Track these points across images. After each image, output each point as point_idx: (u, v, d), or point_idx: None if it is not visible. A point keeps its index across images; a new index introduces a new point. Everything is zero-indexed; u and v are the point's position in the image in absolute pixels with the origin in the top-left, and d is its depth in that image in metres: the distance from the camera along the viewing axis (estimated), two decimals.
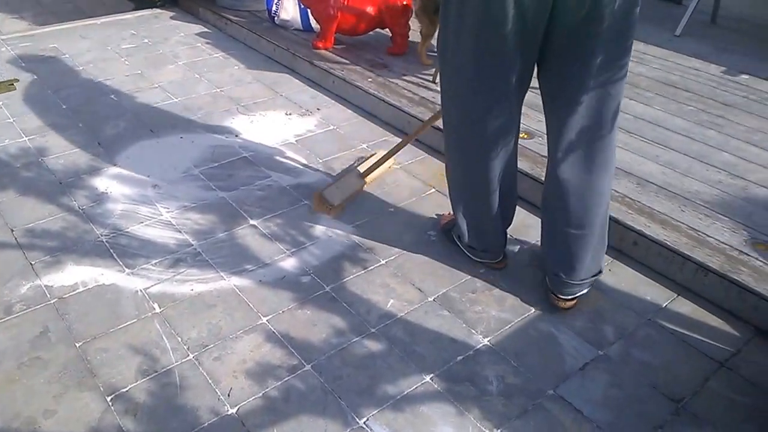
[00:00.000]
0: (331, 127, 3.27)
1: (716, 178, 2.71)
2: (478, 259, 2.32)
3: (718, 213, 2.46)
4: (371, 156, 2.91)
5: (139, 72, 3.84)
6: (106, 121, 3.24)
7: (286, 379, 1.91)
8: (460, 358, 1.99)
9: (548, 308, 2.16)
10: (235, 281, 2.26)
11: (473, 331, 2.07)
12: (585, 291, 2.13)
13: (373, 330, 2.08)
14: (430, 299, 2.20)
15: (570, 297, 2.10)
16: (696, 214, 2.42)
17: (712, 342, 2.05)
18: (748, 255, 2.21)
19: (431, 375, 1.93)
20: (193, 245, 2.42)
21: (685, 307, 2.19)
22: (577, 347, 2.02)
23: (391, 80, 3.50)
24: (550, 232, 2.12)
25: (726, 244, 2.26)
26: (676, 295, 2.23)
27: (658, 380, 1.92)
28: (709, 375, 1.94)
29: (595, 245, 2.03)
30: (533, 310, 2.17)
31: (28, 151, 2.97)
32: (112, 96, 3.52)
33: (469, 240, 2.27)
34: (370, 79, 3.50)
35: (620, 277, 2.27)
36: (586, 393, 1.87)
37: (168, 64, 3.97)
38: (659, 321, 2.13)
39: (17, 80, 3.57)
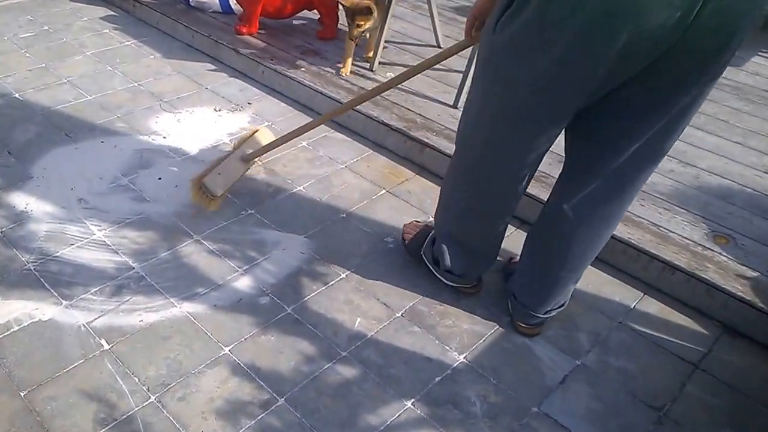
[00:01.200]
0: (266, 123, 3.11)
1: (668, 167, 2.75)
2: (452, 284, 2.16)
3: (675, 206, 2.50)
4: (253, 132, 2.72)
5: (43, 65, 3.51)
6: (13, 126, 2.94)
7: (260, 416, 1.79)
8: (438, 378, 1.93)
9: None
10: (188, 307, 2.10)
11: (447, 347, 2.02)
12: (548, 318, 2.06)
13: (344, 353, 1.98)
14: (398, 315, 2.13)
15: (534, 325, 2.06)
16: (655, 209, 2.45)
17: (683, 343, 2.08)
18: (711, 250, 2.25)
19: (412, 400, 1.86)
20: (134, 268, 2.24)
21: (652, 306, 2.21)
22: (554, 358, 2.00)
23: (325, 69, 3.35)
24: (536, 269, 1.99)
25: (689, 239, 2.29)
26: (642, 294, 2.26)
27: (637, 388, 1.93)
28: (685, 379, 1.97)
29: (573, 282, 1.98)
30: (504, 320, 2.13)
31: None
32: (17, 95, 3.21)
33: (451, 265, 2.10)
34: (303, 69, 3.34)
35: (587, 278, 2.26)
36: (570, 408, 1.86)
37: (74, 54, 3.65)
38: (630, 324, 2.15)
39: None
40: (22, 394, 1.80)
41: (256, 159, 2.64)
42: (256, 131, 2.71)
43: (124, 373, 1.88)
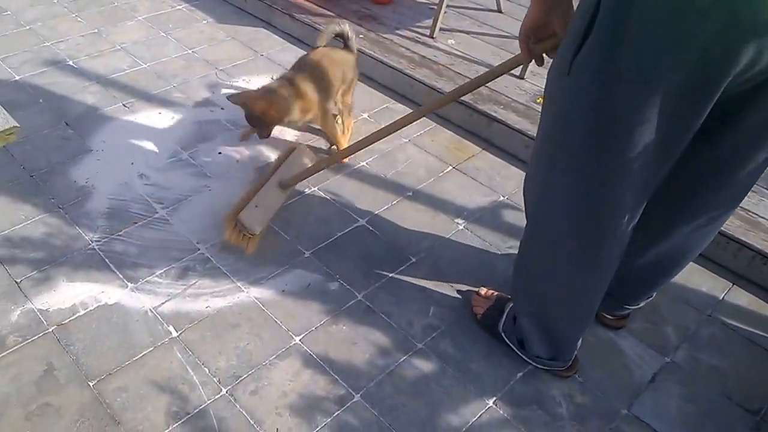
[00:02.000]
0: None
1: None
2: (544, 368, 1.84)
3: (764, 188, 2.34)
4: (291, 151, 2.42)
5: (96, 31, 3.42)
6: (69, 96, 2.87)
7: (336, 413, 1.72)
8: (520, 375, 1.84)
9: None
10: (255, 292, 2.03)
11: None
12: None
13: (420, 345, 1.90)
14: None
15: (620, 317, 1.95)
16: None
17: None
18: None
19: (494, 398, 1.78)
20: (199, 249, 2.17)
21: (742, 298, 2.08)
22: (641, 354, 1.89)
23: (384, 36, 3.21)
24: (636, 279, 1.81)
25: None
26: (731, 284, 2.13)
27: (731, 388, 1.82)
28: None
29: None
30: None
31: None
32: (71, 63, 3.13)
33: (536, 349, 1.81)
34: (361, 35, 3.19)
35: None
36: (661, 410, 1.76)
37: (127, 19, 3.55)
38: (719, 317, 2.02)
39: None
40: (91, 384, 1.75)
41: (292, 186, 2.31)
42: (293, 149, 2.43)
43: (195, 363, 1.82)
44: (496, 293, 1.98)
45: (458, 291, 2.07)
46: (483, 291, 2.00)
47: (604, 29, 1.13)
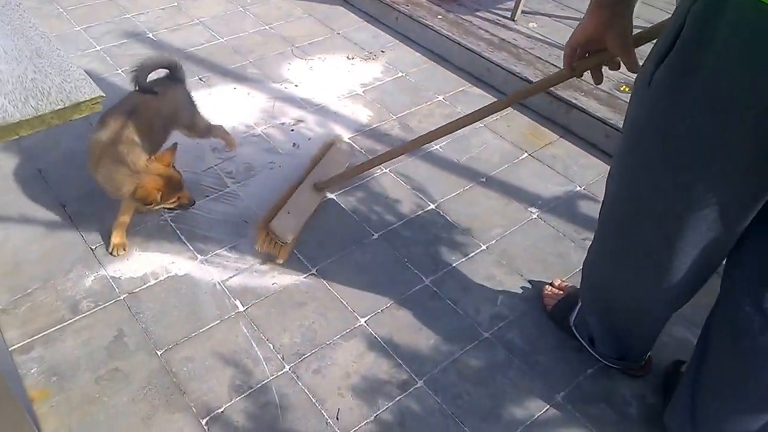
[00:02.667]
0: (400, 74, 2.95)
1: None
2: (614, 366, 1.77)
3: None
4: (328, 147, 2.30)
5: (175, 4, 3.46)
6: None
7: (398, 398, 1.70)
8: (589, 371, 1.77)
9: None
10: (322, 272, 2.02)
11: None
12: None
13: (486, 335, 1.85)
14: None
15: None
16: None
17: None
18: None
19: (561, 393, 1.72)
20: None
21: None
22: None
23: (463, 17, 3.14)
24: (707, 403, 1.50)
25: None
26: None
27: None
28: None
29: None
30: None
31: None
32: (150, 35, 3.17)
33: (605, 348, 1.74)
34: (440, 16, 3.13)
35: None
36: None
37: None
38: None
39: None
40: (158, 353, 1.77)
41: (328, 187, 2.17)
42: (331, 145, 2.33)
43: (259, 338, 1.82)
44: (569, 285, 1.91)
45: (529, 281, 2.01)
46: (556, 282, 1.94)
47: (685, 46, 1.05)
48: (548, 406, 1.69)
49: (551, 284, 1.94)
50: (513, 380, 1.74)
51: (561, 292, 1.89)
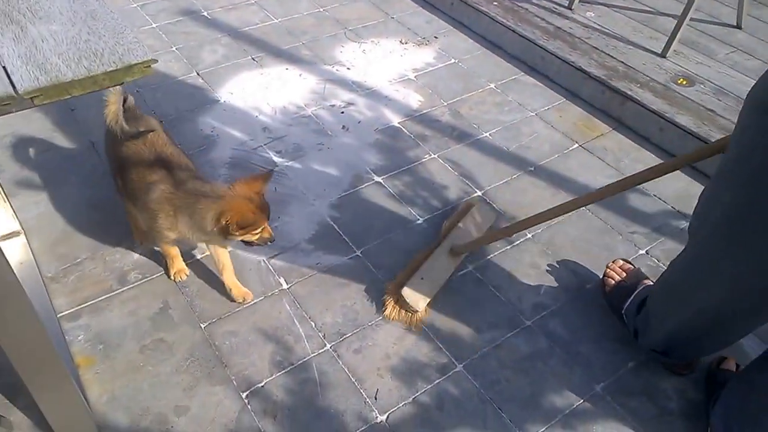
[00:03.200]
0: (453, 61, 2.93)
1: None
2: (658, 361, 1.73)
3: None
4: (467, 210, 2.11)
5: None
6: (201, 46, 2.94)
7: (437, 381, 1.69)
8: (631, 365, 1.74)
9: None
10: (366, 254, 2.03)
11: None
12: None
13: (528, 323, 1.83)
14: (588, 286, 1.94)
15: None
16: None
17: None
18: None
19: (601, 384, 1.69)
20: (314, 205, 2.18)
21: None
22: (757, 349, 1.73)
23: (519, 4, 3.10)
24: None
25: None
26: None
27: None
28: None
29: None
30: None
31: None
32: (205, 14, 3.21)
33: (651, 342, 1.68)
34: (495, 3, 3.10)
35: None
36: None
37: None
38: None
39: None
40: (202, 326, 1.80)
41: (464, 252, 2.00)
42: (470, 207, 2.13)
43: (302, 316, 1.83)
44: (632, 269, 1.86)
45: (573, 272, 1.98)
46: (619, 263, 1.89)
47: None
48: (588, 396, 1.67)
49: (615, 262, 1.89)
50: (553, 369, 1.72)
51: (623, 273, 1.84)
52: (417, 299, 1.82)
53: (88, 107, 2.51)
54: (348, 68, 2.85)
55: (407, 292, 1.83)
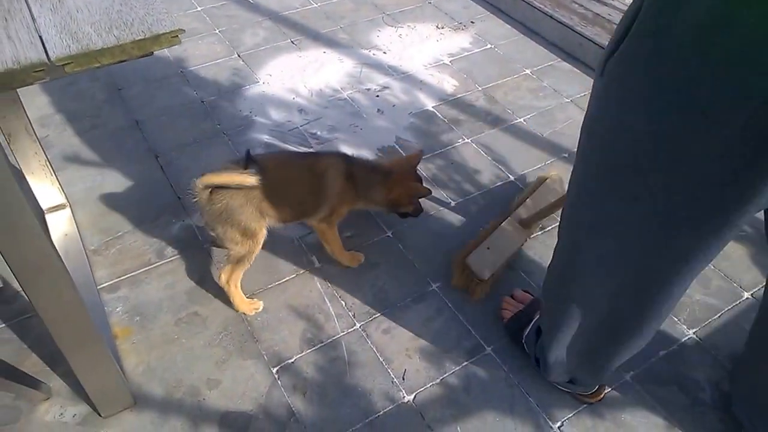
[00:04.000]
0: (489, 46, 2.91)
1: None
2: (563, 389, 1.63)
3: None
4: (541, 182, 2.08)
5: None
6: (243, 29, 2.98)
7: (465, 364, 1.71)
8: (662, 353, 1.73)
9: None
10: (397, 234, 2.04)
11: (675, 318, 1.80)
12: None
13: None
14: None
15: None
16: None
17: None
18: None
19: (631, 373, 1.69)
20: None
21: None
22: None
23: None
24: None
25: None
26: None
27: None
28: None
29: None
30: (745, 295, 1.86)
31: (167, 60, 2.76)
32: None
33: (554, 372, 1.57)
34: None
35: None
36: None
37: None
38: None
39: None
40: None
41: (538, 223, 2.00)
42: (545, 180, 2.09)
43: (332, 295, 1.86)
44: (530, 297, 1.79)
45: None
46: (518, 293, 1.82)
47: (641, 34, 0.90)
48: (616, 384, 1.66)
49: (512, 295, 1.81)
50: None
51: (520, 303, 1.77)
52: (482, 268, 1.82)
53: (133, 86, 2.57)
54: (384, 52, 2.86)
55: (472, 261, 1.83)
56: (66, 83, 2.59)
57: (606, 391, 1.63)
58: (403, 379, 1.67)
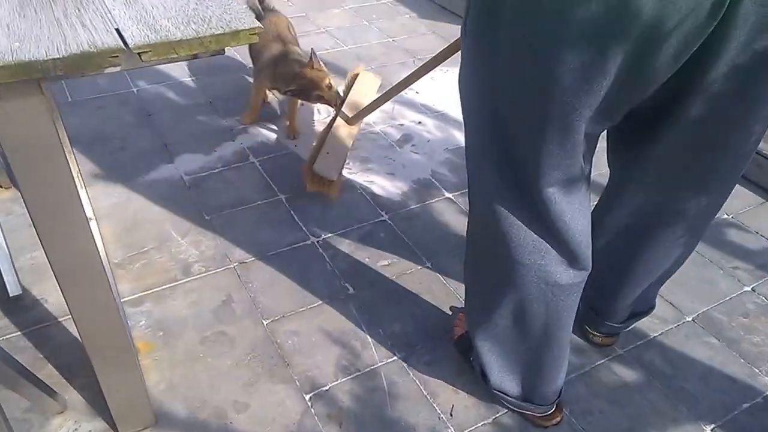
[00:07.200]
0: None
1: None
2: (517, 410, 1.48)
3: None
4: (353, 79, 2.32)
5: (304, 14, 3.49)
6: None
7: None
8: (745, 406, 1.55)
9: None
10: (438, 265, 1.89)
11: (757, 370, 1.63)
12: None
13: (620, 351, 1.66)
14: (688, 319, 1.77)
15: (607, 333, 1.64)
16: None
17: None
18: None
19: (712, 426, 1.50)
20: (382, 216, 2.06)
21: None
22: None
23: None
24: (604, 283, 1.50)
25: None
26: None
27: None
28: None
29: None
30: None
31: (196, 89, 2.67)
32: None
33: (499, 382, 1.43)
34: None
35: None
36: None
37: (333, 8, 3.60)
38: None
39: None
40: (264, 323, 1.67)
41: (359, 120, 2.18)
42: (355, 77, 2.32)
43: (369, 322, 1.69)
44: None
45: (671, 303, 1.81)
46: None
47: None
48: None
49: (461, 312, 1.66)
50: (653, 404, 1.54)
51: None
52: (329, 170, 2.00)
53: (164, 112, 2.48)
54: (417, 92, 2.78)
55: (318, 166, 1.99)
56: (96, 107, 2.50)
57: (561, 415, 1.47)
58: (451, 415, 1.49)
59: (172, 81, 2.73)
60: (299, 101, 2.40)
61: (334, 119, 2.16)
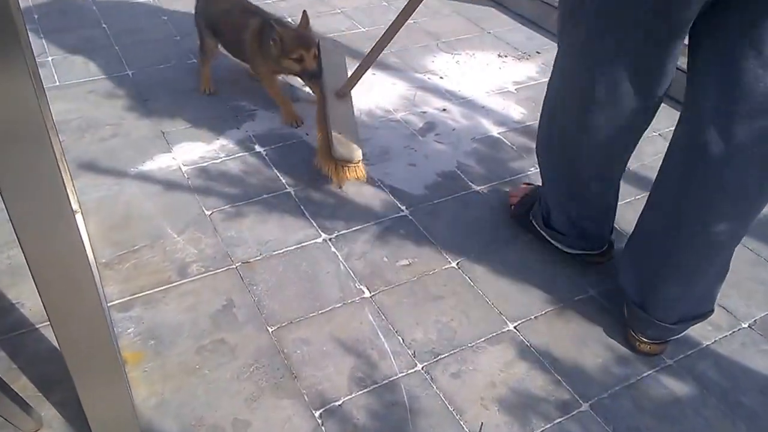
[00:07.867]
0: None
1: None
2: (570, 250, 1.69)
3: None
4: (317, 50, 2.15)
5: None
6: None
7: (558, 420, 1.35)
8: None
9: None
10: (465, 265, 1.71)
11: None
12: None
13: (670, 362, 1.48)
14: (744, 325, 1.58)
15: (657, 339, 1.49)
16: None
17: None
18: None
19: None
20: (402, 211, 1.90)
21: None
22: None
23: None
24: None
25: None
26: None
27: None
28: None
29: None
30: None
31: (198, 76, 2.50)
32: (290, 19, 2.99)
33: (559, 230, 1.66)
34: None
35: None
36: None
37: None
38: None
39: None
40: (270, 330, 1.51)
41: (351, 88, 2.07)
42: (317, 50, 2.15)
43: (387, 329, 1.52)
44: (531, 185, 1.88)
45: (724, 307, 1.62)
46: (522, 186, 1.92)
47: None
48: None
49: (516, 187, 1.94)
50: (708, 420, 1.36)
51: (523, 191, 1.85)
52: (350, 152, 1.85)
53: (162, 98, 2.34)
54: (441, 77, 2.60)
55: (339, 153, 1.84)
56: (86, 91, 2.35)
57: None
58: None
59: (172, 64, 2.57)
60: (276, 82, 2.27)
61: (321, 99, 2.02)
